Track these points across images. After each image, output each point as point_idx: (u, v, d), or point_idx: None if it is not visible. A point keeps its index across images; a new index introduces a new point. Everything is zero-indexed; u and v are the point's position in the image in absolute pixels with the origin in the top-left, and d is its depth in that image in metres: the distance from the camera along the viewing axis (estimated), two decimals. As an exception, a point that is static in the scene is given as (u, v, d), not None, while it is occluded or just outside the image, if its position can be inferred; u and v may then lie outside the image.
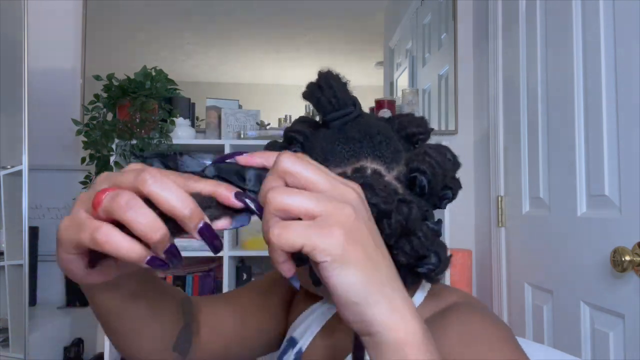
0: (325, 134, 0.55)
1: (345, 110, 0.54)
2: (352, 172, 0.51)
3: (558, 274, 1.31)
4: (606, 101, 1.11)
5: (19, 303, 1.36)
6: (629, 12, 1.04)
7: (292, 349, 0.64)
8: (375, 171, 0.51)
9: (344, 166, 0.52)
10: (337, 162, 0.52)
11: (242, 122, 1.78)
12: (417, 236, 0.50)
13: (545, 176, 1.40)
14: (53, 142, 1.88)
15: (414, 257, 0.51)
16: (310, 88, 0.55)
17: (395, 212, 0.47)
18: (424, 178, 0.52)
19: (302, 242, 0.31)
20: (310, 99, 0.54)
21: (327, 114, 0.54)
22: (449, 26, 2.01)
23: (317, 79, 0.54)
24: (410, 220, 0.49)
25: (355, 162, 0.52)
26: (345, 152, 0.52)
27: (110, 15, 1.92)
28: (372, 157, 0.52)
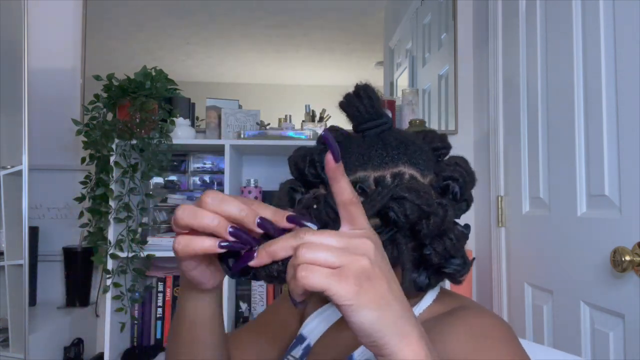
0: (360, 140, 0.59)
1: (381, 120, 0.59)
2: (391, 176, 0.56)
3: (558, 274, 1.31)
4: (606, 101, 1.11)
5: (19, 303, 1.36)
6: (629, 12, 1.04)
7: (300, 344, 0.67)
8: (412, 176, 0.56)
9: (382, 170, 0.56)
10: (376, 166, 0.56)
11: (242, 122, 1.78)
12: (450, 237, 0.55)
13: (545, 176, 1.40)
14: (53, 142, 1.88)
15: (444, 257, 0.55)
16: (348, 98, 0.60)
17: (434, 213, 0.52)
18: (456, 185, 0.59)
19: (324, 287, 0.35)
20: (349, 108, 0.59)
21: (363, 123, 0.59)
22: (449, 26, 2.01)
23: (355, 89, 0.59)
24: (446, 222, 0.54)
25: (394, 167, 0.56)
26: (384, 157, 0.57)
27: (110, 15, 1.93)
28: (408, 164, 0.57)
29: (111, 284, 1.51)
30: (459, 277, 0.58)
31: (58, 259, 1.82)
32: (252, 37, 1.96)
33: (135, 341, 1.71)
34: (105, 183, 1.55)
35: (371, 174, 0.56)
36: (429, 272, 0.57)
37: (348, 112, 0.60)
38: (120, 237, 1.54)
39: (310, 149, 0.60)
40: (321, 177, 0.56)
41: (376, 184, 0.55)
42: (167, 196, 1.76)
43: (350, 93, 0.59)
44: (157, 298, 1.71)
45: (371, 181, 0.55)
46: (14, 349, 1.37)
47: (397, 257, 0.54)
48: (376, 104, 0.59)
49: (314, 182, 0.57)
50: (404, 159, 0.57)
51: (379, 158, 0.57)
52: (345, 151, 0.58)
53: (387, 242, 0.53)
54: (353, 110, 0.59)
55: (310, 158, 0.57)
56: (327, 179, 0.51)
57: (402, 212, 0.52)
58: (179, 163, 1.81)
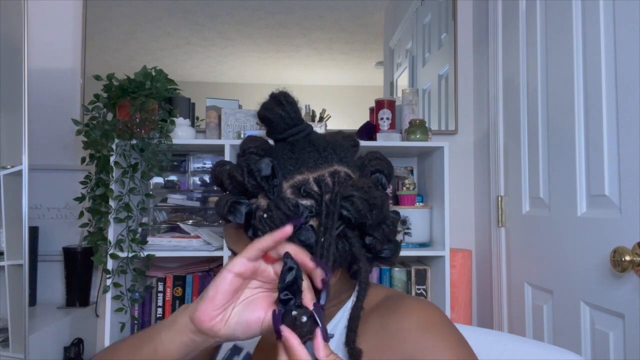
0: (288, 146, 0.61)
1: (303, 126, 0.61)
2: (329, 175, 0.58)
3: (558, 274, 1.31)
4: (606, 101, 1.11)
5: (19, 303, 1.36)
6: (629, 12, 1.04)
7: (237, 355, 0.68)
8: (347, 174, 0.59)
9: (319, 170, 0.58)
10: (312, 167, 0.58)
11: (242, 122, 1.78)
12: (387, 224, 0.60)
13: (545, 176, 1.40)
14: (53, 142, 1.88)
15: (384, 242, 0.60)
16: (268, 106, 0.61)
17: (376, 205, 0.56)
18: (383, 176, 0.62)
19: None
20: (271, 115, 0.60)
21: (287, 129, 0.61)
22: (449, 26, 2.01)
23: (275, 97, 0.61)
24: (384, 211, 0.58)
25: (329, 167, 0.59)
26: (318, 158, 0.59)
27: (110, 15, 1.93)
28: (340, 163, 0.60)
29: (111, 284, 1.51)
30: (392, 259, 0.62)
31: (58, 259, 1.82)
32: (252, 37, 1.96)
33: (135, 341, 1.71)
34: (105, 183, 1.55)
35: (309, 176, 0.57)
36: (368, 260, 0.61)
37: (271, 119, 0.60)
38: (120, 237, 1.54)
39: (241, 161, 0.59)
40: (261, 186, 0.56)
41: (317, 184, 0.57)
42: (167, 196, 1.76)
43: (268, 101, 0.61)
44: (157, 298, 1.70)
45: (312, 182, 0.57)
46: (14, 349, 1.37)
47: (349, 251, 0.57)
48: (297, 110, 0.61)
49: (254, 192, 0.57)
50: (335, 158, 0.59)
51: (312, 160, 0.58)
52: (277, 158, 0.59)
53: (337, 239, 0.56)
54: (276, 117, 0.60)
55: (247, 169, 0.57)
56: (267, 187, 0.55)
57: (355, 209, 0.55)
58: (179, 163, 1.81)
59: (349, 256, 0.57)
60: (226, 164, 0.61)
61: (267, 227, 0.54)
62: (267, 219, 0.54)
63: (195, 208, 1.77)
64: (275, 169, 0.56)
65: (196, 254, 1.58)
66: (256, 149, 0.61)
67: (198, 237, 1.60)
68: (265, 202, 0.57)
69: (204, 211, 1.78)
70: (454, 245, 1.87)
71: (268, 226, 0.54)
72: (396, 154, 1.92)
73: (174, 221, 1.76)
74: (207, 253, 1.59)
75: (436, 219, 1.70)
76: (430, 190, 1.79)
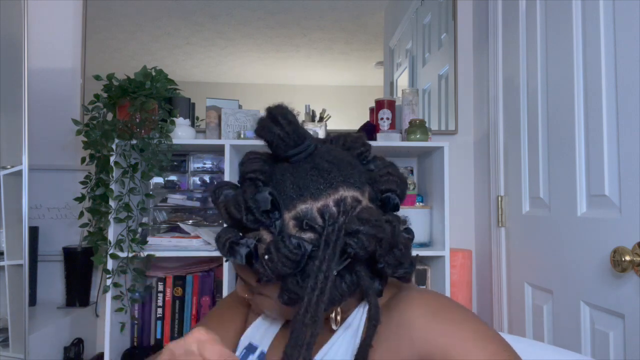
0: (289, 168, 0.56)
1: (305, 145, 0.56)
2: (334, 203, 0.54)
3: (558, 274, 1.31)
4: (606, 101, 1.11)
5: (19, 303, 1.36)
6: (629, 12, 1.04)
7: (252, 354, 0.67)
8: (354, 198, 0.55)
9: (323, 199, 0.54)
10: (315, 195, 0.54)
11: (242, 122, 1.78)
12: (399, 249, 0.56)
13: (545, 176, 1.40)
14: (53, 142, 1.88)
15: (396, 266, 0.56)
16: (264, 124, 0.55)
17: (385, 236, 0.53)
18: (396, 197, 0.59)
19: None
20: (268, 135, 0.55)
21: (288, 149, 0.55)
22: (449, 26, 2.01)
23: (270, 114, 0.55)
24: (394, 237, 0.55)
25: (334, 193, 0.54)
26: (321, 184, 0.54)
27: (110, 15, 1.93)
28: (345, 185, 0.55)
29: (111, 284, 1.51)
30: (408, 277, 0.59)
31: (58, 259, 1.82)
32: (252, 37, 1.96)
33: (135, 341, 1.71)
34: (105, 183, 1.55)
35: (313, 205, 0.53)
36: (381, 280, 0.59)
37: (268, 140, 0.56)
38: (120, 237, 1.54)
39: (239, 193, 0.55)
40: (261, 221, 0.53)
41: (321, 215, 0.53)
42: (167, 196, 1.76)
43: (264, 119, 0.55)
44: (157, 298, 1.70)
45: (315, 213, 0.53)
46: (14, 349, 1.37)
47: (356, 283, 0.55)
48: (296, 127, 0.55)
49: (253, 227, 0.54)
50: (339, 179, 0.55)
51: (315, 185, 0.54)
52: (278, 185, 0.55)
53: (343, 271, 0.53)
54: (274, 137, 0.55)
55: (245, 205, 0.53)
56: (267, 222, 0.52)
57: (360, 246, 0.52)
58: (179, 163, 1.81)
59: (357, 287, 0.55)
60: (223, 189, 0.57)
61: (268, 270, 0.52)
62: (269, 261, 0.52)
63: (195, 208, 1.77)
64: (275, 201, 0.53)
65: (196, 254, 1.58)
66: (255, 173, 0.56)
67: (198, 237, 1.60)
68: (267, 235, 0.54)
69: (204, 211, 1.78)
70: (454, 245, 1.87)
71: (269, 269, 0.52)
72: (396, 154, 1.92)
73: (174, 221, 1.76)
74: (207, 253, 1.59)
75: (436, 219, 1.70)
76: (430, 190, 1.79)
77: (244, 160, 0.59)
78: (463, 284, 1.74)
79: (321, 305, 0.50)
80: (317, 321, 0.50)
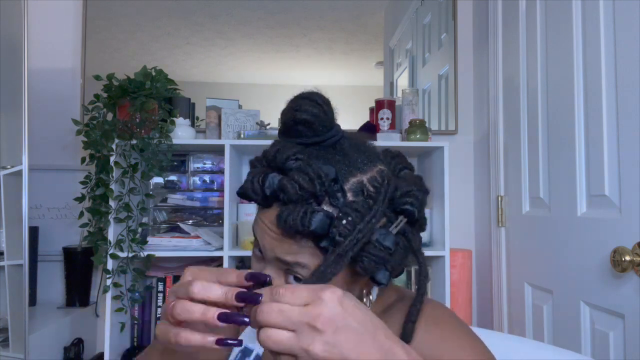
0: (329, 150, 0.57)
1: (338, 127, 0.58)
2: (379, 175, 0.56)
3: (558, 274, 1.31)
4: (606, 101, 1.11)
5: (19, 303, 1.36)
6: (629, 12, 1.04)
7: (248, 357, 0.67)
8: (388, 172, 0.58)
9: (369, 172, 0.56)
10: (362, 169, 0.56)
11: (242, 122, 1.78)
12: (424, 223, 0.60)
13: (545, 176, 1.40)
14: (53, 142, 1.88)
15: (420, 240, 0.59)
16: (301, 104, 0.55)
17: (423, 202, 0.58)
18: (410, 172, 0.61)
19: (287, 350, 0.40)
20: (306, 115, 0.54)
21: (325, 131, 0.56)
22: (449, 26, 2.01)
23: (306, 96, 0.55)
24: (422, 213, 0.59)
25: (374, 167, 0.57)
26: (364, 159, 0.57)
27: (110, 15, 1.93)
28: (380, 162, 0.59)
29: (111, 284, 1.51)
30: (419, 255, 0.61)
31: (58, 259, 1.82)
32: (252, 37, 1.96)
33: (135, 341, 1.71)
34: (105, 183, 1.55)
35: (363, 177, 0.56)
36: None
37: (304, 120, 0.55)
38: (120, 237, 1.54)
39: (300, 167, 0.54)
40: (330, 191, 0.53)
41: (372, 185, 0.56)
42: (167, 196, 1.76)
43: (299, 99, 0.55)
44: (157, 298, 1.70)
45: (367, 183, 0.55)
46: (14, 349, 1.37)
47: (408, 247, 0.56)
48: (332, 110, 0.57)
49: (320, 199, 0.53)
50: (376, 159, 0.59)
51: (361, 161, 0.57)
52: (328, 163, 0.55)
53: (397, 236, 0.54)
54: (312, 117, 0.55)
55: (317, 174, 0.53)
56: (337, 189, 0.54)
57: (418, 203, 0.55)
58: (179, 163, 1.81)
59: (408, 253, 0.56)
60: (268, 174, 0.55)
61: (348, 232, 0.51)
62: (348, 224, 0.51)
63: (195, 208, 1.77)
64: (337, 172, 0.54)
65: (196, 254, 1.58)
66: (300, 154, 0.55)
67: (198, 237, 1.60)
68: (330, 208, 0.53)
69: (204, 211, 1.78)
70: (454, 245, 1.87)
71: (349, 231, 0.51)
72: (396, 154, 1.92)
73: (174, 221, 1.76)
74: (207, 253, 1.59)
75: (436, 219, 1.70)
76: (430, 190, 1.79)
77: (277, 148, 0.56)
78: (463, 284, 1.74)
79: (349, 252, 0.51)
80: (340, 262, 0.51)
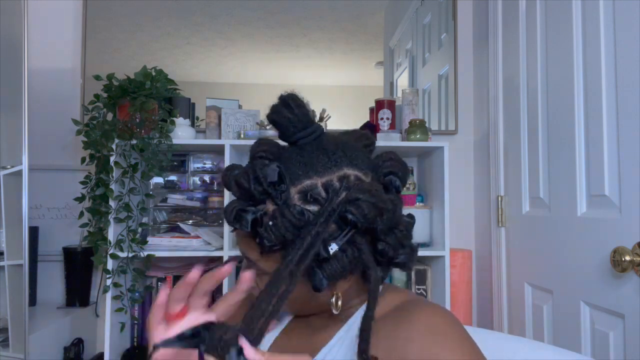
0: (297, 149, 0.60)
1: (313, 127, 0.60)
2: (338, 180, 0.57)
3: (558, 274, 1.31)
4: (606, 101, 1.11)
5: (19, 303, 1.36)
6: (629, 12, 1.04)
7: None
8: (357, 177, 0.58)
9: (328, 175, 0.57)
10: (321, 172, 0.57)
11: (242, 122, 1.78)
12: (400, 229, 0.59)
13: (545, 176, 1.40)
14: (53, 142, 1.88)
15: (396, 248, 0.58)
16: (277, 109, 0.59)
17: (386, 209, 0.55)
18: (397, 179, 0.60)
19: None
20: (279, 119, 0.59)
21: (296, 132, 0.59)
22: (449, 26, 2.01)
23: (282, 100, 0.59)
24: (396, 215, 0.58)
25: (338, 171, 0.57)
26: (327, 163, 0.57)
27: (110, 15, 1.93)
28: (350, 166, 0.58)
29: (111, 284, 1.51)
30: (409, 265, 0.61)
31: (58, 259, 1.82)
32: (252, 37, 1.96)
33: (135, 341, 1.71)
34: (105, 183, 1.55)
35: (318, 181, 0.56)
36: (382, 267, 0.60)
37: (279, 122, 0.59)
38: (120, 237, 1.54)
39: (248, 166, 0.58)
40: (268, 192, 0.55)
41: (325, 189, 0.56)
42: (167, 196, 1.76)
43: (277, 104, 0.60)
44: (157, 298, 1.70)
45: (320, 188, 0.56)
46: (14, 349, 1.37)
47: (358, 257, 0.56)
48: (306, 112, 0.59)
49: (261, 198, 0.57)
50: (345, 161, 0.58)
51: (321, 164, 0.57)
52: (286, 162, 0.58)
53: (345, 245, 0.55)
54: (284, 120, 0.59)
55: (253, 175, 0.56)
56: (274, 193, 0.55)
57: (360, 212, 0.53)
58: (179, 163, 1.81)
59: (359, 263, 0.56)
60: (235, 169, 0.60)
61: (272, 235, 0.54)
62: (273, 227, 0.54)
63: (195, 208, 1.77)
64: (282, 174, 0.55)
65: (196, 254, 1.58)
66: (265, 153, 0.60)
67: (198, 237, 1.60)
68: (272, 207, 0.56)
69: (204, 211, 1.78)
70: (454, 245, 1.87)
71: (273, 234, 0.54)
72: (396, 154, 1.92)
73: (174, 221, 1.76)
74: (207, 253, 1.59)
75: (436, 219, 1.70)
76: (430, 190, 1.79)
77: (254, 143, 0.62)
78: (463, 284, 1.74)
79: (303, 263, 0.51)
80: (293, 277, 0.50)
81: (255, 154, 0.60)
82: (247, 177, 0.56)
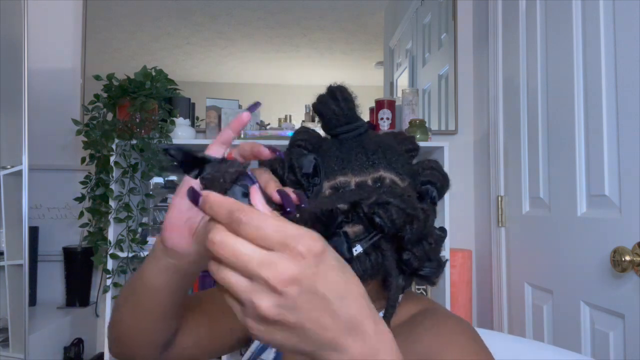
0: (337, 144, 0.58)
1: (358, 123, 0.58)
2: (372, 181, 0.55)
3: (558, 274, 1.31)
4: (606, 101, 1.11)
5: (19, 303, 1.36)
6: (629, 12, 1.04)
7: (270, 348, 0.66)
8: (393, 181, 0.55)
9: (363, 175, 0.55)
10: (357, 170, 0.55)
11: (242, 122, 1.77)
12: (429, 242, 0.56)
13: (545, 176, 1.40)
14: (53, 142, 1.88)
15: (422, 261, 0.56)
16: (323, 100, 0.58)
17: (417, 218, 0.53)
18: (434, 189, 0.58)
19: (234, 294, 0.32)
20: (324, 110, 0.57)
21: (339, 126, 0.57)
22: (449, 26, 2.01)
23: (330, 90, 0.57)
24: (427, 226, 0.55)
25: (374, 172, 0.55)
26: (364, 162, 0.55)
27: (110, 15, 1.93)
28: (387, 168, 0.56)
29: (111, 284, 1.51)
30: (433, 279, 0.58)
31: (58, 259, 1.82)
32: (252, 37, 1.96)
33: (135, 341, 1.71)
34: (105, 183, 1.55)
35: (352, 179, 0.55)
36: (405, 276, 0.58)
37: (323, 114, 0.58)
38: (120, 237, 1.54)
39: (287, 154, 0.57)
40: (301, 183, 0.54)
41: (358, 188, 0.54)
42: (167, 196, 1.76)
43: (324, 94, 0.58)
44: (157, 298, 1.70)
45: (352, 186, 0.54)
46: (14, 349, 1.37)
47: (381, 263, 0.53)
48: (352, 106, 0.58)
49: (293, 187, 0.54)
50: (383, 163, 0.56)
51: (359, 162, 0.55)
52: (323, 154, 0.57)
53: (370, 249, 0.53)
54: (329, 112, 0.57)
55: (289, 164, 0.55)
56: (306, 185, 0.53)
57: (389, 217, 0.51)
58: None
59: (381, 269, 0.54)
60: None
61: None
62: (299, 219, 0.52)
63: (195, 208, 1.76)
64: (318, 167, 0.54)
65: (196, 254, 1.58)
66: (304, 142, 0.59)
67: (198, 237, 1.60)
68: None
69: (204, 211, 1.78)
70: (454, 245, 1.87)
71: None
72: (396, 154, 1.92)
73: (174, 221, 1.75)
74: (207, 253, 1.58)
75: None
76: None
77: (296, 131, 0.61)
78: (463, 284, 1.74)
79: None
80: None
81: (294, 142, 0.59)
82: (282, 165, 0.55)
